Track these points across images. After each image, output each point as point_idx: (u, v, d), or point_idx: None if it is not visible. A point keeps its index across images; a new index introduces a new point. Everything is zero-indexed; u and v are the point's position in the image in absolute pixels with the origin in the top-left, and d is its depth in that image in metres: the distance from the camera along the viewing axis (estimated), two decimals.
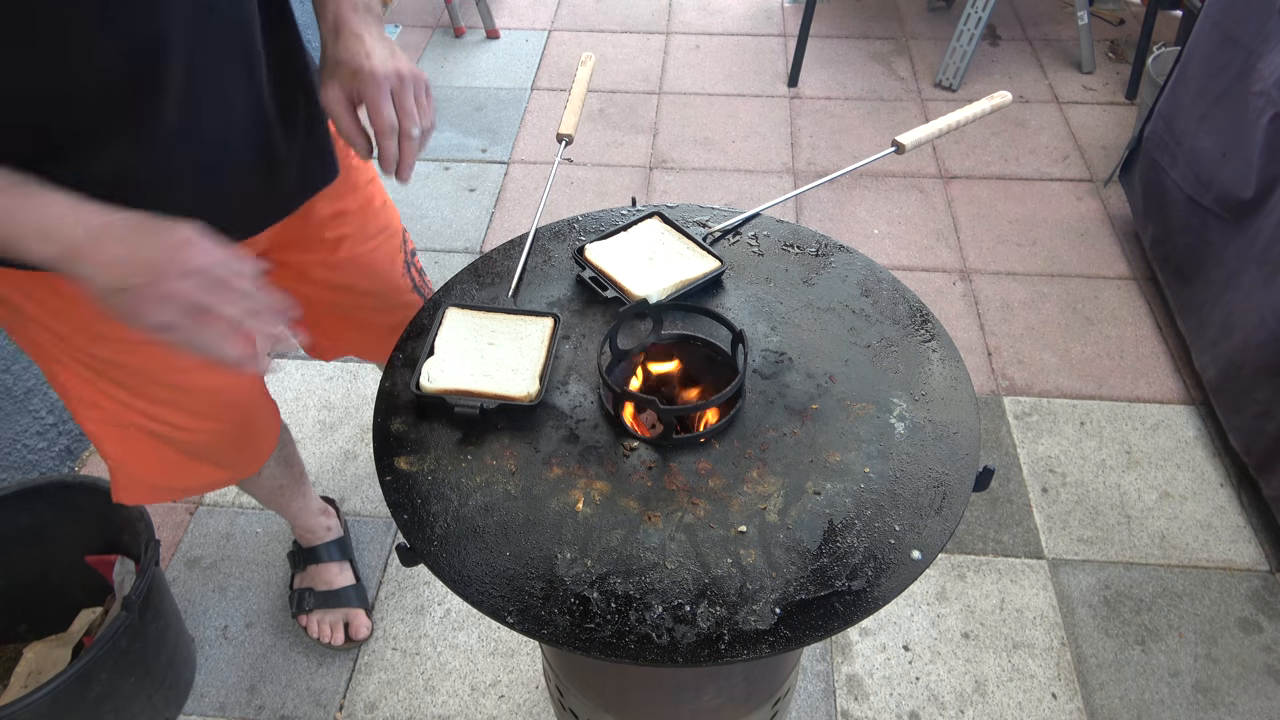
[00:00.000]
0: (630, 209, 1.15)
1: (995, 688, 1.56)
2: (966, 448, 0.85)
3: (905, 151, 1.09)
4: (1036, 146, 2.78)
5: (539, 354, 0.93)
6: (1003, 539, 1.77)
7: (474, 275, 1.07)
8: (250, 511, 1.84)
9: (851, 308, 1.01)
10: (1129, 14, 3.38)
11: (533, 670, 1.59)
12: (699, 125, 2.91)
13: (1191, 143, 2.05)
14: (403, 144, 0.88)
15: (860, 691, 1.55)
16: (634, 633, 0.72)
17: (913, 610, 1.66)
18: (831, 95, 3.04)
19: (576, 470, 0.84)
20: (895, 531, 0.78)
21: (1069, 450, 1.93)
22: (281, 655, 1.62)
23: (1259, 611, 1.65)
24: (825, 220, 2.53)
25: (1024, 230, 2.48)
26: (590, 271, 1.03)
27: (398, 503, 0.82)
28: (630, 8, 3.53)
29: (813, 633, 0.72)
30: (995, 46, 3.26)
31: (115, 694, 1.33)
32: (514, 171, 2.73)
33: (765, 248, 1.10)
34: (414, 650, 1.62)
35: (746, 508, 0.80)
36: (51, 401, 1.80)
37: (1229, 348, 1.84)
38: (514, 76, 3.15)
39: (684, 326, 0.98)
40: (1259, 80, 1.82)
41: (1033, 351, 2.14)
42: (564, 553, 0.77)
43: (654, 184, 2.67)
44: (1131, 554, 1.74)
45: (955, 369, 0.93)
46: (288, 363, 2.13)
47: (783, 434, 0.86)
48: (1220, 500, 1.83)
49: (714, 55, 3.26)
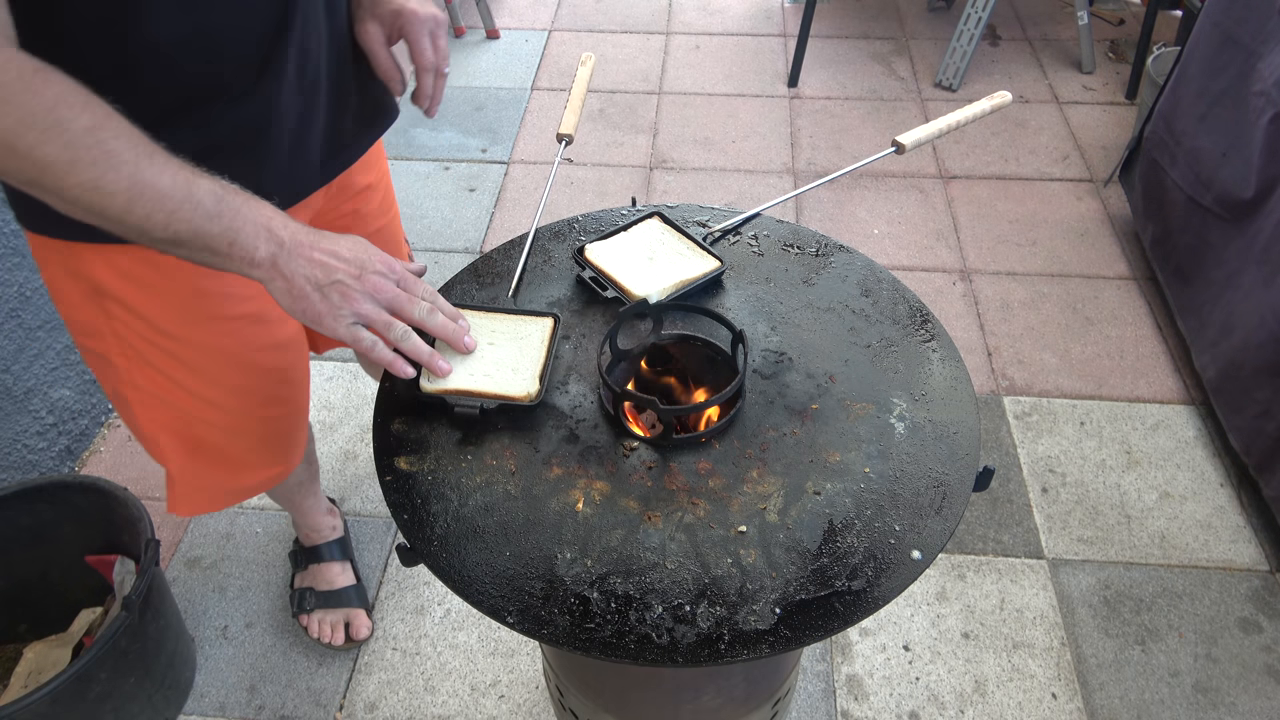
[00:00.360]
0: (630, 209, 1.15)
1: (995, 688, 1.56)
2: (966, 448, 0.85)
3: (905, 151, 1.09)
4: (1036, 146, 2.78)
5: (539, 354, 0.93)
6: (1003, 539, 1.77)
7: (474, 275, 1.07)
8: (250, 511, 1.84)
9: (851, 308, 1.01)
10: (1129, 14, 3.38)
11: (533, 670, 1.59)
12: (699, 125, 2.91)
13: (1191, 143, 2.05)
14: (438, 81, 0.97)
15: (860, 691, 1.55)
16: (634, 633, 0.72)
17: (913, 610, 1.66)
18: (831, 95, 3.04)
19: (576, 470, 0.84)
20: (895, 531, 0.78)
21: (1069, 450, 1.93)
22: (281, 655, 1.62)
23: (1259, 611, 1.65)
24: (825, 220, 2.53)
25: (1024, 230, 2.48)
26: (590, 271, 1.03)
27: (398, 503, 0.82)
28: (630, 8, 3.53)
29: (813, 633, 0.72)
30: (995, 46, 3.26)
31: (115, 694, 1.33)
32: (514, 171, 2.73)
33: (765, 248, 1.10)
34: (414, 650, 1.62)
35: (746, 508, 0.80)
36: (52, 401, 1.80)
37: (1229, 348, 1.84)
38: (514, 76, 3.15)
39: (684, 326, 0.98)
40: (1259, 80, 1.82)
41: (1033, 351, 2.14)
42: (564, 553, 0.77)
43: (654, 184, 2.67)
44: (1131, 554, 1.74)
45: (955, 369, 0.93)
46: None
47: (783, 434, 0.86)
48: (1220, 500, 1.83)
49: (714, 55, 3.26)
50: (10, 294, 1.67)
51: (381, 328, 0.79)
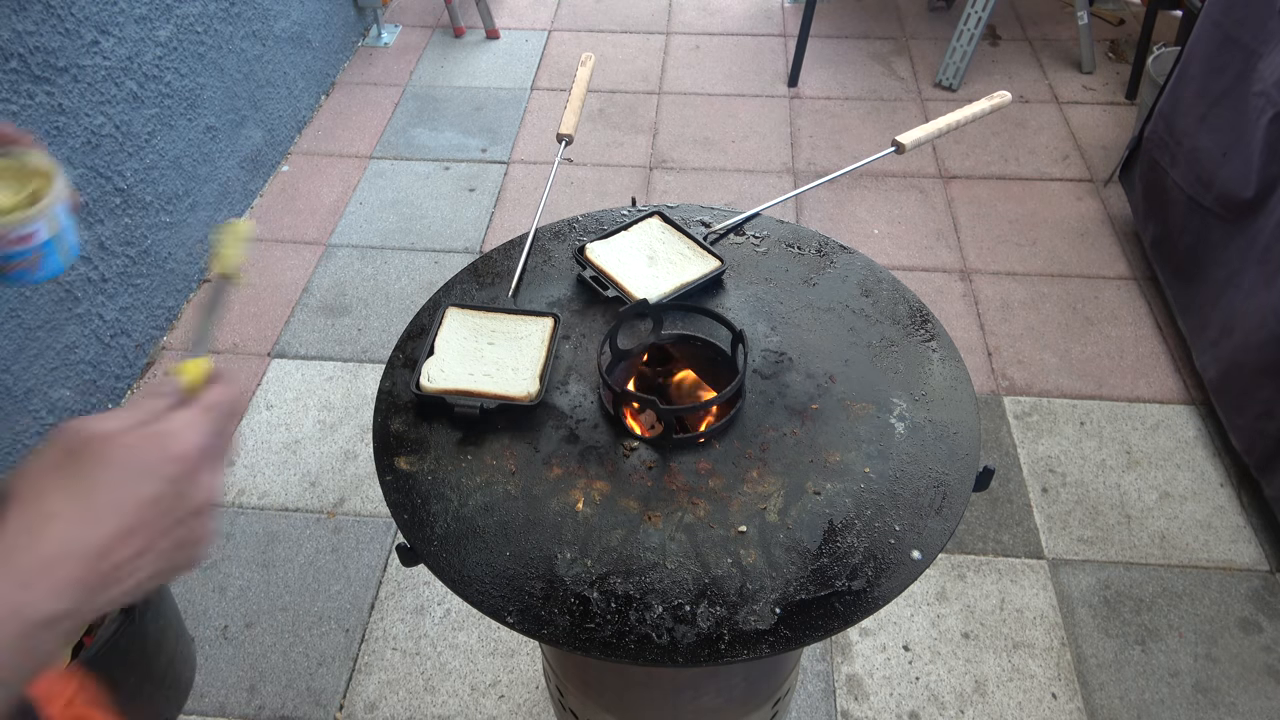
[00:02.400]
0: (630, 209, 1.15)
1: (995, 688, 1.56)
2: (966, 448, 0.85)
3: (905, 151, 1.09)
4: (1036, 146, 2.78)
5: (539, 354, 0.93)
6: (1003, 539, 1.77)
7: (474, 275, 1.07)
8: (250, 512, 1.84)
9: (851, 308, 1.01)
10: (1129, 14, 3.38)
11: (533, 670, 1.59)
12: (699, 125, 2.91)
13: (1192, 143, 2.05)
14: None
15: (860, 691, 1.55)
16: (634, 633, 0.72)
17: (913, 610, 1.66)
18: (831, 95, 3.04)
19: (576, 470, 0.84)
20: (895, 531, 0.78)
21: (1069, 450, 1.93)
22: (281, 655, 1.62)
23: (1259, 611, 1.65)
24: (825, 220, 2.53)
25: (1024, 230, 2.48)
26: (591, 271, 1.03)
27: (398, 503, 0.82)
28: (630, 8, 3.53)
29: (813, 633, 0.72)
30: (995, 46, 3.26)
31: (115, 694, 1.33)
32: (514, 171, 2.73)
33: (766, 248, 1.10)
34: (414, 650, 1.62)
35: (746, 508, 0.80)
36: (52, 401, 1.80)
37: (1230, 348, 1.84)
38: (514, 76, 3.15)
39: (684, 326, 0.98)
40: (1259, 80, 1.82)
41: (1033, 351, 2.14)
42: (564, 553, 0.77)
43: (654, 184, 2.67)
44: (1131, 554, 1.74)
45: (955, 369, 0.93)
46: (288, 362, 2.13)
47: (783, 434, 0.86)
48: (1220, 500, 1.83)
49: (714, 55, 3.25)
50: (10, 294, 1.67)
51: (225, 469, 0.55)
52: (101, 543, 0.42)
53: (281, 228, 2.51)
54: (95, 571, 0.42)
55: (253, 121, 2.56)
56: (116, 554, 0.43)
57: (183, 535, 0.46)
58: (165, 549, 0.45)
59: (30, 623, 0.40)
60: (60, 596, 0.41)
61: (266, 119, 2.64)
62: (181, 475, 0.46)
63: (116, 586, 0.43)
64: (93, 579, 0.42)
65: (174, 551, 0.46)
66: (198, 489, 0.47)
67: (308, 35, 2.85)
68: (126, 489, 0.44)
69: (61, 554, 0.41)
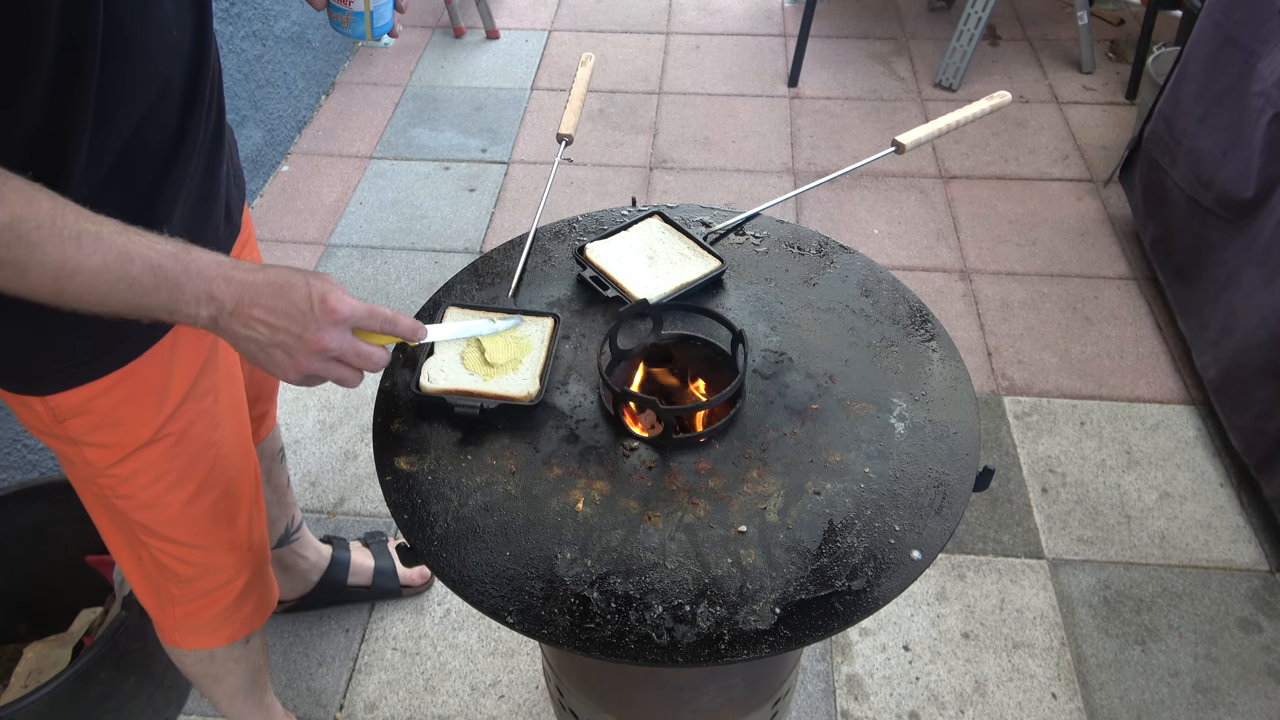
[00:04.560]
0: (630, 209, 1.15)
1: (995, 688, 1.56)
2: (966, 448, 0.85)
3: (905, 151, 1.09)
4: (1036, 146, 2.78)
5: (539, 354, 0.93)
6: (1003, 539, 1.77)
7: (474, 275, 1.07)
8: None
9: (852, 308, 1.01)
10: (1129, 14, 3.38)
11: (533, 670, 1.59)
12: (699, 125, 2.91)
13: (1192, 143, 2.05)
14: None
15: (860, 691, 1.55)
16: (634, 633, 0.72)
17: (913, 610, 1.66)
18: (831, 95, 3.04)
19: (576, 470, 0.84)
20: (895, 531, 0.78)
21: (1069, 450, 1.93)
22: (281, 655, 1.62)
23: (1259, 611, 1.65)
24: (825, 220, 2.53)
25: (1024, 230, 2.48)
26: (591, 271, 1.03)
27: (398, 503, 0.82)
28: (630, 8, 3.53)
29: (813, 633, 0.72)
30: (995, 46, 3.26)
31: (115, 694, 1.33)
32: (514, 171, 2.73)
33: (766, 248, 1.10)
34: (414, 650, 1.62)
35: (746, 508, 0.80)
36: None
37: (1230, 348, 1.84)
38: (514, 76, 3.15)
39: (684, 326, 0.98)
40: (1259, 80, 1.82)
41: (1033, 351, 2.14)
42: (564, 553, 0.77)
43: (654, 184, 2.67)
44: (1131, 554, 1.74)
45: (955, 369, 0.93)
46: None
47: (783, 434, 0.86)
48: (1220, 500, 1.83)
49: (714, 55, 3.25)
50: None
51: (334, 379, 0.76)
52: (257, 298, 0.71)
53: (282, 228, 2.52)
54: (242, 307, 0.70)
55: (253, 121, 2.56)
56: (257, 310, 0.70)
57: (290, 345, 0.72)
58: (276, 341, 0.71)
59: (210, 297, 0.69)
60: (223, 296, 0.70)
61: (266, 119, 2.64)
62: (319, 317, 0.71)
63: (241, 326, 0.71)
64: (240, 309, 0.70)
65: (274, 348, 0.72)
66: (321, 335, 0.72)
67: (308, 35, 2.85)
68: (291, 295, 0.71)
69: (248, 283, 0.71)
